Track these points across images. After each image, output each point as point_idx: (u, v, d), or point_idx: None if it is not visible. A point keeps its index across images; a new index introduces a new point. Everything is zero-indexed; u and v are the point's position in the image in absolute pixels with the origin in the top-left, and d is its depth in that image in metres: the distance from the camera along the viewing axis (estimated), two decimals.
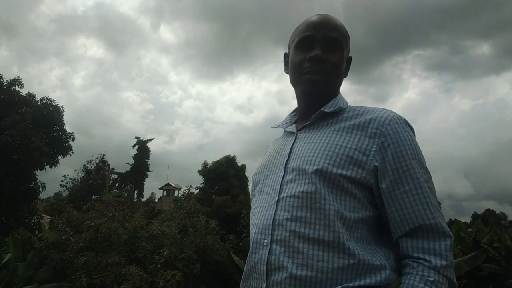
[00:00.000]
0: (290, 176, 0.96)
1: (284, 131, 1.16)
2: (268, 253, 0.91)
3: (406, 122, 0.97)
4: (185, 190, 13.41)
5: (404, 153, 0.91)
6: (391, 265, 0.91)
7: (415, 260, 0.86)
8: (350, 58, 1.11)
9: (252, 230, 1.00)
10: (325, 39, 1.01)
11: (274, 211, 0.94)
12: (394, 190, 0.90)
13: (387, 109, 0.99)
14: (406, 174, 0.90)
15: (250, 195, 1.19)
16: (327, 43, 1.01)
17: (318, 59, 1.00)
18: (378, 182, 0.91)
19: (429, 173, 0.94)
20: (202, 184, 17.57)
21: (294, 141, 1.04)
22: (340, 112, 1.04)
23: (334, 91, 1.07)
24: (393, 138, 0.92)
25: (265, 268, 0.91)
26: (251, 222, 1.05)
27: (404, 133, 0.94)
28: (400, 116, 0.97)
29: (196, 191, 16.47)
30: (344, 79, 1.11)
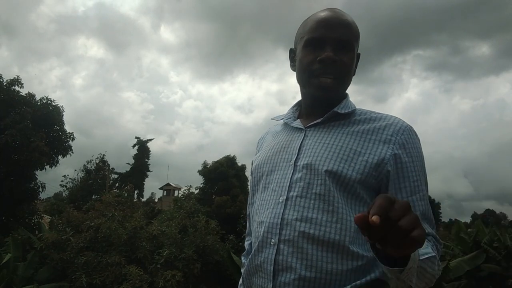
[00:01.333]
0: (300, 175, 0.94)
1: (287, 125, 1.11)
2: (276, 253, 0.90)
3: (416, 133, 0.99)
4: (185, 190, 13.44)
5: (415, 164, 0.94)
6: None
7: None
8: (359, 54, 1.06)
9: (258, 228, 0.97)
10: (337, 40, 0.96)
11: (282, 210, 0.92)
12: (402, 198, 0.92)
13: (399, 117, 0.99)
14: (414, 185, 0.93)
15: (249, 189, 1.16)
16: (338, 45, 0.97)
17: (330, 62, 0.95)
18: (387, 185, 0.93)
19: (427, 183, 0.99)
20: (202, 184, 17.55)
21: (303, 138, 1.01)
22: (352, 114, 1.02)
23: (344, 92, 1.06)
24: (407, 148, 0.94)
25: (272, 268, 0.90)
26: (255, 219, 1.02)
27: (416, 144, 0.96)
28: (411, 126, 0.98)
29: (196, 191, 16.46)
30: None
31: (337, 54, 0.96)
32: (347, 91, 1.08)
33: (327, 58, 0.95)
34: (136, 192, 24.81)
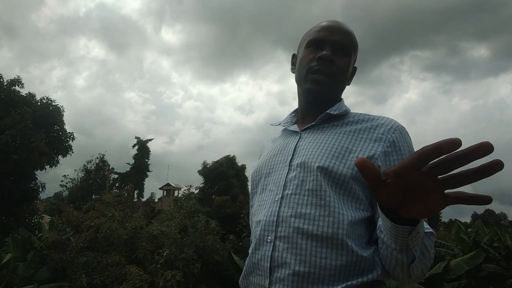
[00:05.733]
0: (294, 173, 0.97)
1: (285, 130, 1.16)
2: (272, 250, 0.92)
3: (407, 132, 1.01)
4: (185, 190, 13.42)
5: None
6: None
7: None
8: (355, 68, 1.14)
9: (256, 228, 1.00)
10: (336, 43, 1.04)
11: (278, 208, 0.95)
12: None
13: (391, 118, 1.03)
14: None
15: (250, 193, 1.19)
16: (337, 47, 1.04)
17: (327, 59, 1.02)
18: None
19: None
20: (202, 184, 17.53)
21: (298, 140, 1.05)
22: (345, 116, 1.06)
23: (336, 95, 1.10)
24: (397, 146, 0.96)
25: (268, 264, 0.91)
26: (254, 219, 1.04)
27: (407, 143, 0.98)
28: (403, 126, 1.01)
29: (196, 191, 16.45)
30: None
31: (334, 56, 1.03)
32: (342, 97, 1.12)
33: (325, 56, 1.02)
34: (136, 192, 24.82)
